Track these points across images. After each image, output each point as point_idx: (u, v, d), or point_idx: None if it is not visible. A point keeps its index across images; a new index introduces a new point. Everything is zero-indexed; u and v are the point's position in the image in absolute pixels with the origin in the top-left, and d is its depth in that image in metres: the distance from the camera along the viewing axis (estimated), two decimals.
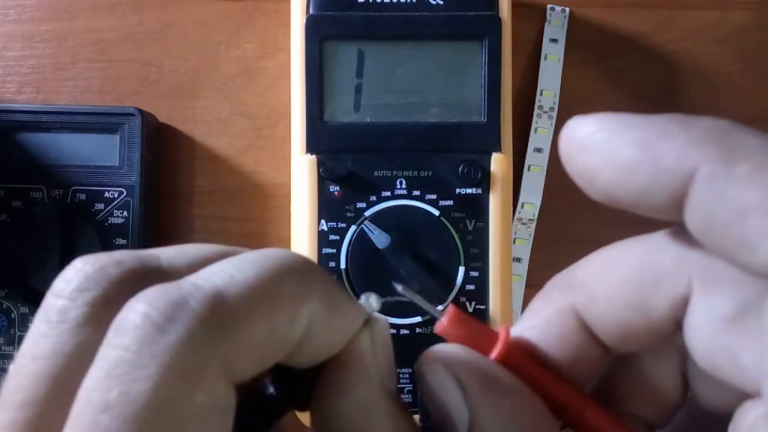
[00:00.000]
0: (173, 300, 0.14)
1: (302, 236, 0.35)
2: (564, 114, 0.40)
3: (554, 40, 0.39)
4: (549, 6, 0.39)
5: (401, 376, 0.34)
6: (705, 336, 0.16)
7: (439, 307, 0.21)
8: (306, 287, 0.16)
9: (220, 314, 0.14)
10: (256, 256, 0.16)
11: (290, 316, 0.16)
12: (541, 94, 0.39)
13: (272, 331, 0.15)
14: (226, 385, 0.14)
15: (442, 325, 0.20)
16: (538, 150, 0.39)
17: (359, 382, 0.18)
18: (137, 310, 0.14)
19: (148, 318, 0.14)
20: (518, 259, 0.39)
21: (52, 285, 0.15)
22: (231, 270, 0.16)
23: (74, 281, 0.15)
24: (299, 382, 0.18)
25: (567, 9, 0.39)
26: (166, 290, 0.14)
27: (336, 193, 0.35)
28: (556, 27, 0.39)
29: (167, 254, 0.17)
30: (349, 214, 0.34)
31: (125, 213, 0.36)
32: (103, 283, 0.15)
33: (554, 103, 0.39)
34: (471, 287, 0.35)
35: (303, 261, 0.17)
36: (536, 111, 0.39)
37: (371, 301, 0.21)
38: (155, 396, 0.13)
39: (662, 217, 0.16)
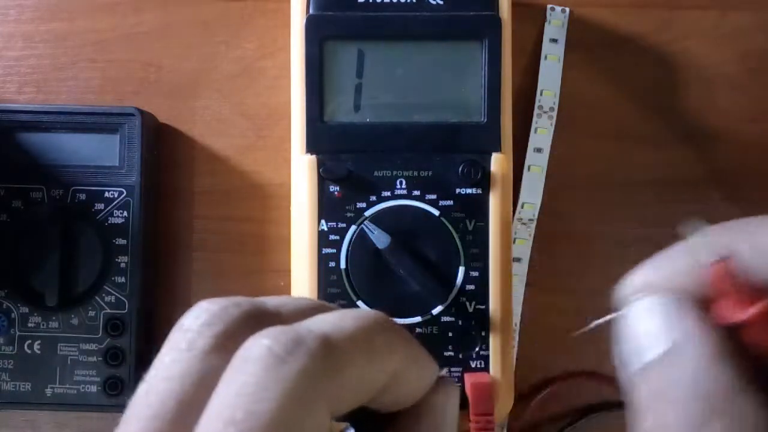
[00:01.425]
0: (292, 337, 0.17)
1: (302, 236, 0.35)
2: (564, 114, 0.40)
3: (554, 40, 0.39)
4: (549, 6, 0.39)
5: None
6: None
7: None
8: (394, 341, 0.19)
9: (331, 354, 0.17)
10: (353, 312, 0.19)
11: (381, 365, 0.18)
12: (541, 94, 0.39)
13: (366, 377, 0.18)
14: (327, 416, 0.16)
15: (712, 269, 0.20)
16: (538, 150, 0.39)
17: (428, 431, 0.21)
18: (262, 344, 0.16)
19: (271, 350, 0.16)
20: (518, 259, 0.39)
21: (179, 321, 0.18)
22: (335, 320, 0.18)
23: (202, 317, 0.18)
24: (377, 426, 0.20)
25: (567, 9, 0.39)
26: (285, 330, 0.17)
27: (336, 193, 0.35)
28: (556, 27, 0.39)
29: (273, 302, 0.20)
30: (349, 214, 0.34)
31: (125, 213, 0.36)
32: (226, 320, 0.18)
33: (554, 103, 0.39)
34: (471, 287, 0.35)
35: (390, 320, 0.20)
36: (536, 111, 0.39)
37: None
38: (276, 415, 0.15)
39: None
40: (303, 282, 0.34)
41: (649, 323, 0.20)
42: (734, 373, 0.19)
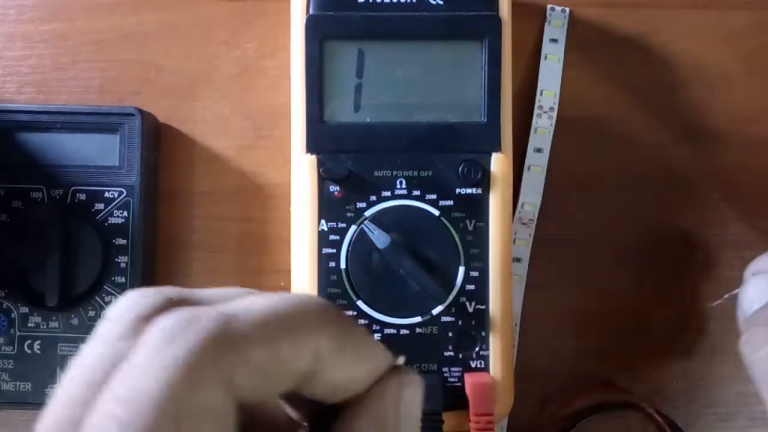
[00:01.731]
0: (188, 317, 0.17)
1: (302, 236, 0.35)
2: (564, 114, 0.40)
3: (554, 40, 0.39)
4: (549, 6, 0.39)
5: None
6: None
7: None
8: (314, 324, 0.19)
9: (227, 333, 0.17)
10: (276, 295, 0.19)
11: (294, 347, 0.18)
12: (541, 94, 0.39)
13: (276, 357, 0.18)
14: (226, 396, 0.17)
15: None
16: (538, 150, 0.39)
17: (370, 430, 0.20)
18: (158, 324, 0.17)
19: (164, 330, 0.17)
20: (518, 259, 0.39)
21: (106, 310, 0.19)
22: (248, 302, 0.19)
23: (122, 305, 0.18)
24: (325, 417, 0.20)
25: (567, 9, 0.39)
26: (184, 310, 0.17)
27: (336, 193, 0.35)
28: (556, 27, 0.39)
29: (205, 292, 0.20)
30: (349, 214, 0.34)
31: (125, 213, 0.36)
32: (143, 306, 0.18)
33: (554, 103, 0.39)
34: (471, 287, 0.35)
35: (318, 302, 0.20)
36: (536, 111, 0.39)
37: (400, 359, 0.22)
38: (159, 393, 0.15)
39: None
40: (303, 282, 0.34)
41: (755, 291, 0.30)
42: None
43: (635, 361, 0.40)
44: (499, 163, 0.35)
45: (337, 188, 0.35)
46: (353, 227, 0.34)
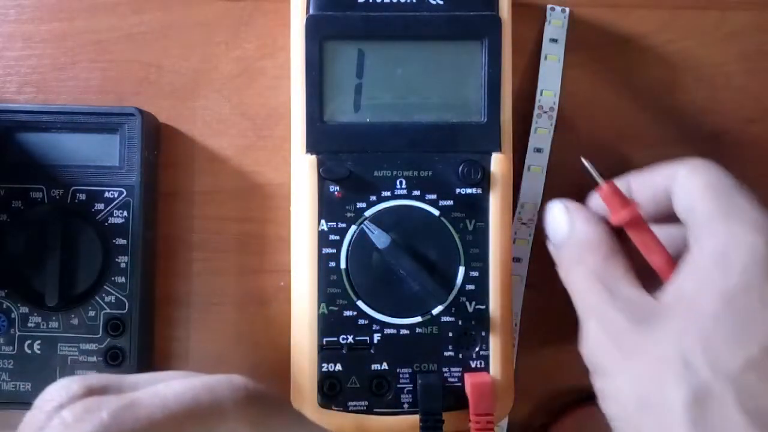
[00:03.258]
0: (88, 406, 0.18)
1: (302, 236, 0.35)
2: (564, 114, 0.40)
3: (554, 40, 0.39)
4: (549, 6, 0.39)
5: (401, 376, 0.34)
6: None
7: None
8: (227, 408, 0.19)
9: (124, 421, 0.18)
10: (194, 379, 0.20)
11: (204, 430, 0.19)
12: (541, 94, 0.39)
13: None
14: None
15: (601, 189, 0.32)
16: (538, 150, 0.39)
17: None
18: (60, 414, 0.18)
19: (63, 419, 0.18)
20: (518, 259, 0.39)
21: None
22: (159, 388, 0.19)
23: (45, 394, 0.19)
24: None
25: (567, 9, 0.39)
26: (90, 399, 0.18)
27: (336, 193, 0.35)
28: (556, 27, 0.39)
29: (132, 378, 0.21)
30: (349, 214, 0.34)
31: (125, 213, 0.36)
32: (63, 395, 0.19)
33: (554, 103, 0.39)
34: (471, 287, 0.35)
35: (238, 385, 0.20)
36: (536, 111, 0.39)
37: None
38: None
39: None
40: (303, 282, 0.34)
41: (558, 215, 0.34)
42: (606, 238, 0.32)
43: None
44: (499, 163, 0.35)
45: (337, 188, 0.35)
46: (353, 227, 0.34)
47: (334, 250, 0.34)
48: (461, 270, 0.35)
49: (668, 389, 0.26)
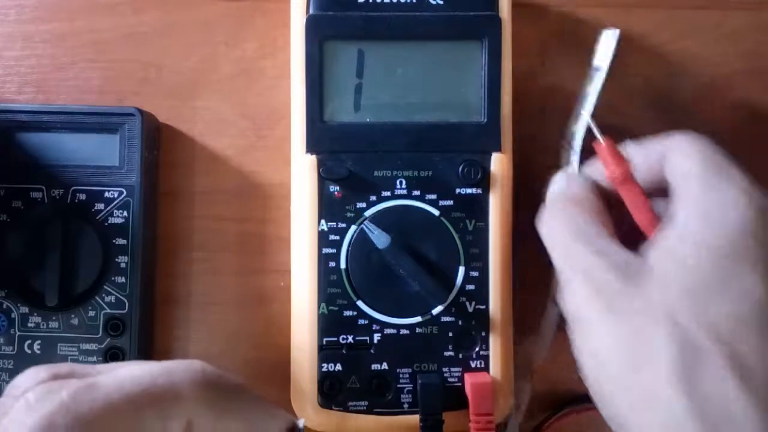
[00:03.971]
0: (49, 388, 0.19)
1: (302, 236, 0.35)
2: (564, 114, 0.40)
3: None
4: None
5: (401, 376, 0.34)
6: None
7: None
8: (184, 391, 0.20)
9: (81, 401, 0.19)
10: (151, 364, 0.21)
11: (160, 413, 0.19)
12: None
13: (140, 425, 0.19)
14: None
15: (600, 145, 0.33)
16: None
17: None
18: (25, 396, 0.19)
19: (27, 400, 0.19)
20: None
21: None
22: (119, 371, 0.20)
23: (15, 381, 0.20)
24: None
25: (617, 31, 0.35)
26: (53, 383, 0.19)
27: (336, 193, 0.35)
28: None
29: (97, 367, 0.22)
30: (349, 214, 0.34)
31: (125, 213, 0.36)
32: (29, 383, 0.20)
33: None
34: (471, 287, 0.35)
35: (195, 369, 0.21)
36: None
37: (299, 422, 0.23)
38: None
39: None
40: (303, 282, 0.34)
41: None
42: (595, 198, 0.33)
43: None
44: (499, 163, 0.35)
45: (337, 188, 0.35)
46: (353, 227, 0.34)
47: (334, 250, 0.34)
48: (461, 270, 0.35)
49: (656, 346, 0.26)
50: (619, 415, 0.27)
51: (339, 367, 0.34)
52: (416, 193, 0.35)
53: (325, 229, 0.34)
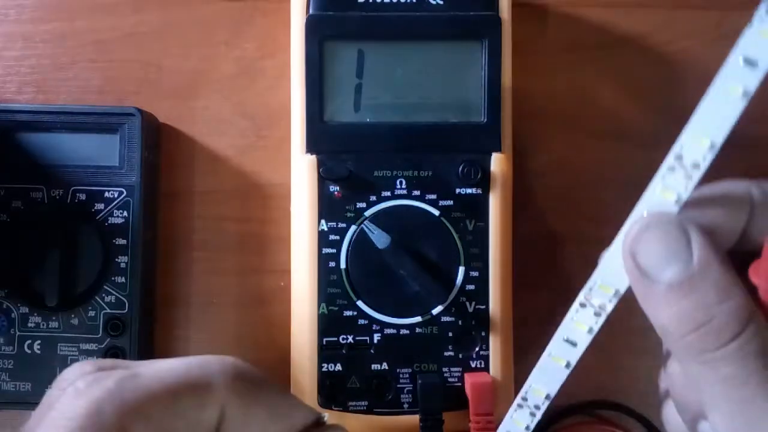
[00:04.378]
0: (96, 377, 0.21)
1: (302, 236, 0.35)
2: (564, 114, 0.40)
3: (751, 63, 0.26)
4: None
5: (401, 376, 0.34)
6: None
7: None
8: (217, 380, 0.21)
9: (125, 387, 0.20)
10: (187, 358, 0.22)
11: (196, 402, 0.21)
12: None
13: (177, 412, 0.21)
14: None
15: None
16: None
17: None
18: (74, 384, 0.21)
19: (76, 387, 0.21)
20: (573, 343, 0.28)
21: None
22: (162, 362, 0.22)
23: (62, 375, 0.22)
24: None
25: None
26: (99, 373, 0.21)
27: (336, 193, 0.35)
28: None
29: (146, 362, 0.23)
30: (349, 214, 0.34)
31: (125, 213, 0.36)
32: (76, 375, 0.21)
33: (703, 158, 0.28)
34: (471, 287, 0.35)
35: (226, 361, 0.22)
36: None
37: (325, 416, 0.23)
38: None
39: None
40: (303, 282, 0.34)
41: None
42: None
43: (637, 362, 0.40)
44: (499, 163, 0.35)
45: (337, 188, 0.35)
46: (353, 227, 0.34)
47: (334, 250, 0.34)
48: (461, 270, 0.35)
49: None
50: None
51: (339, 367, 0.34)
52: (416, 193, 0.35)
53: (325, 229, 0.34)
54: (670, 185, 0.26)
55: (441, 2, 0.35)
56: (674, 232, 0.24)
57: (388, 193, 0.35)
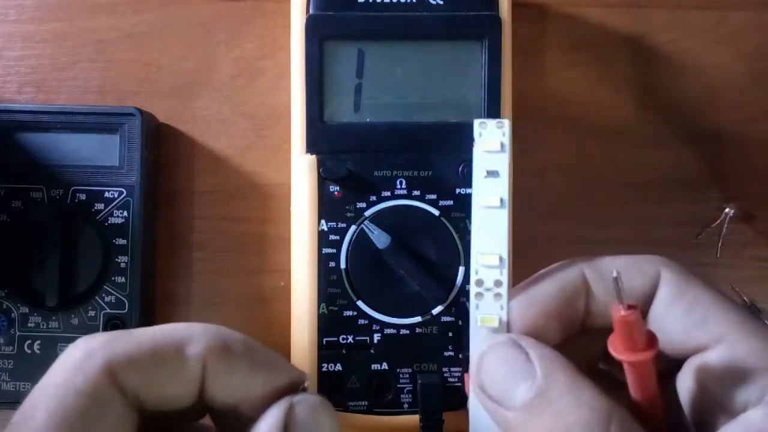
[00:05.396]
0: (93, 335, 0.23)
1: (302, 236, 0.35)
2: (564, 114, 0.40)
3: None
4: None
5: (401, 376, 0.34)
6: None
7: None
8: (197, 334, 0.23)
9: (119, 340, 0.22)
10: (183, 323, 0.24)
11: (180, 351, 0.22)
12: None
13: (163, 359, 0.22)
14: (110, 386, 0.22)
15: (622, 314, 0.23)
16: None
17: None
18: (75, 342, 0.23)
19: (74, 343, 0.23)
20: None
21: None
22: (154, 327, 0.24)
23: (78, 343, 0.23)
24: None
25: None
26: (97, 334, 0.23)
27: (336, 193, 0.35)
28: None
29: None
30: (349, 214, 0.34)
31: (125, 213, 0.36)
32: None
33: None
34: None
35: (214, 325, 0.24)
36: None
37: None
38: (56, 380, 0.22)
39: None
40: (303, 282, 0.34)
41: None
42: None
43: None
44: None
45: (337, 188, 0.35)
46: (353, 227, 0.34)
47: (334, 250, 0.34)
48: (461, 270, 0.35)
49: None
50: None
51: (339, 367, 0.34)
52: (416, 193, 0.35)
53: (325, 229, 0.34)
54: (486, 311, 0.26)
55: (441, 2, 0.35)
56: (510, 352, 0.24)
57: (388, 193, 0.35)
